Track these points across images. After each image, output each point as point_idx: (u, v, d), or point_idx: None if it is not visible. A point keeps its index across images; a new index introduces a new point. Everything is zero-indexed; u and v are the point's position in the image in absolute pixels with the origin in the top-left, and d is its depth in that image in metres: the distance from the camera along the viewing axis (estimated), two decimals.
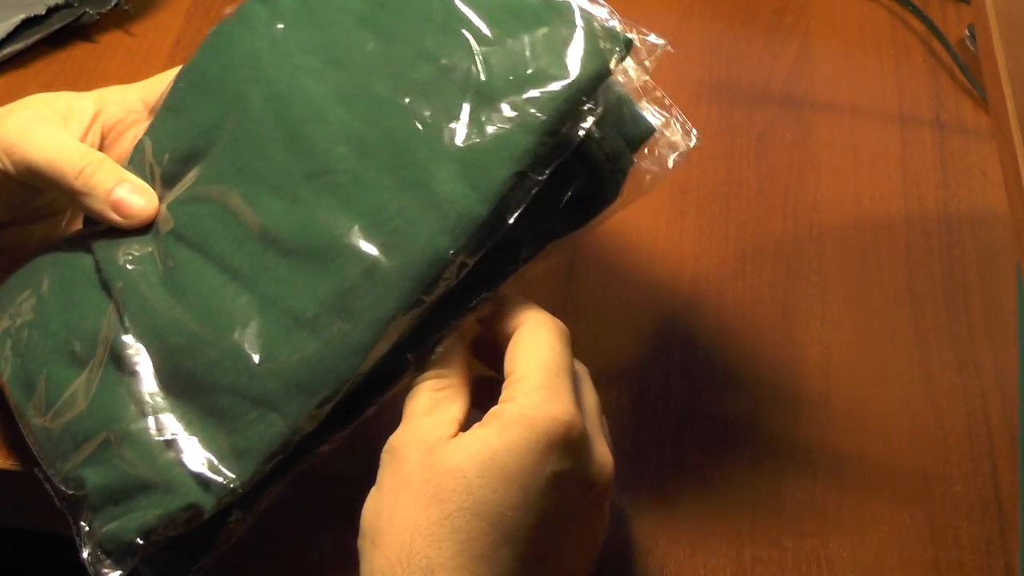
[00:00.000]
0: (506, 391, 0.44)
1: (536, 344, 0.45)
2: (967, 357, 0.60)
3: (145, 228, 0.50)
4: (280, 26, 0.50)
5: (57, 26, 0.70)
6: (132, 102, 0.54)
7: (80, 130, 0.53)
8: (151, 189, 0.51)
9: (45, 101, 0.53)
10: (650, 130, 0.48)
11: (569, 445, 0.43)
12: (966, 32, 0.73)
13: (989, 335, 0.60)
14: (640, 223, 0.65)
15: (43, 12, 0.70)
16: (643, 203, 0.65)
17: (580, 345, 0.60)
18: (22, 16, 0.69)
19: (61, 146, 0.51)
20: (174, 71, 0.53)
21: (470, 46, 0.47)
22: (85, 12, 0.71)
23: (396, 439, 0.45)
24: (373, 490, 0.44)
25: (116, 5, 0.71)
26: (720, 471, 0.56)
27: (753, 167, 0.68)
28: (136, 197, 0.50)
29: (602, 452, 0.45)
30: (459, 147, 0.45)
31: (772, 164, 0.68)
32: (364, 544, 0.44)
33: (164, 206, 0.50)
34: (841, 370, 0.60)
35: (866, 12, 0.75)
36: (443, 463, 0.42)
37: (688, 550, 0.53)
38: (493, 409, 0.44)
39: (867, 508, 0.55)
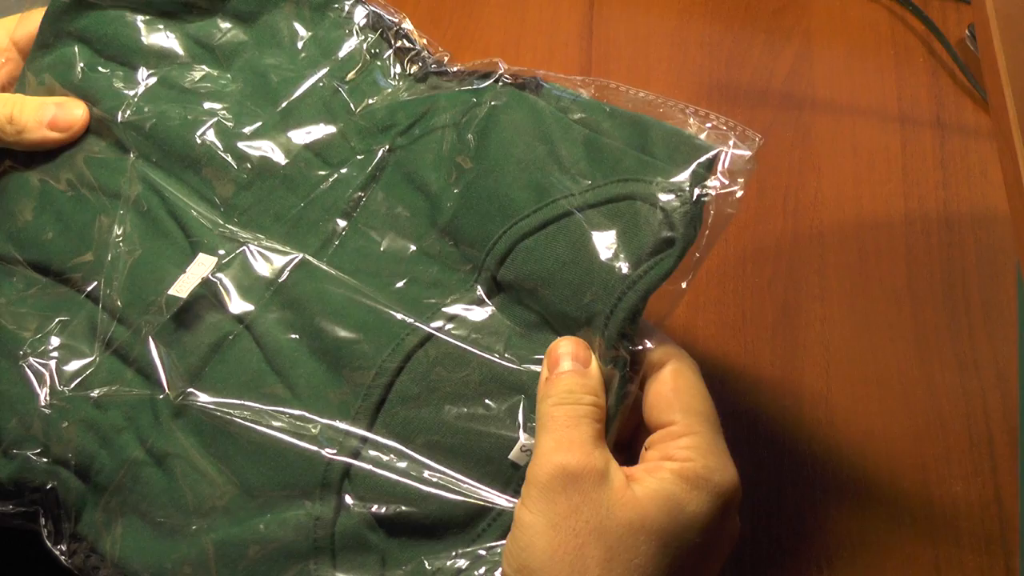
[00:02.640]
0: (677, 444, 0.43)
1: (694, 393, 0.45)
2: (967, 357, 0.60)
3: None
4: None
5: None
6: None
7: None
8: (75, 99, 0.55)
9: None
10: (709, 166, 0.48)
11: (737, 507, 0.44)
12: (966, 32, 0.73)
13: (989, 335, 0.61)
14: None
15: None
16: None
17: None
18: None
19: None
20: (40, 11, 0.56)
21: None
22: None
23: (574, 465, 0.42)
24: (539, 520, 0.42)
25: None
26: None
27: None
28: (69, 110, 0.54)
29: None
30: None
31: (772, 164, 0.68)
32: None
33: None
34: (841, 370, 0.60)
35: (866, 12, 0.75)
36: (641, 518, 0.41)
37: None
38: (673, 466, 0.43)
39: (867, 508, 0.55)
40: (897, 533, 0.54)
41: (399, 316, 0.48)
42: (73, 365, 0.51)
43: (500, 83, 0.53)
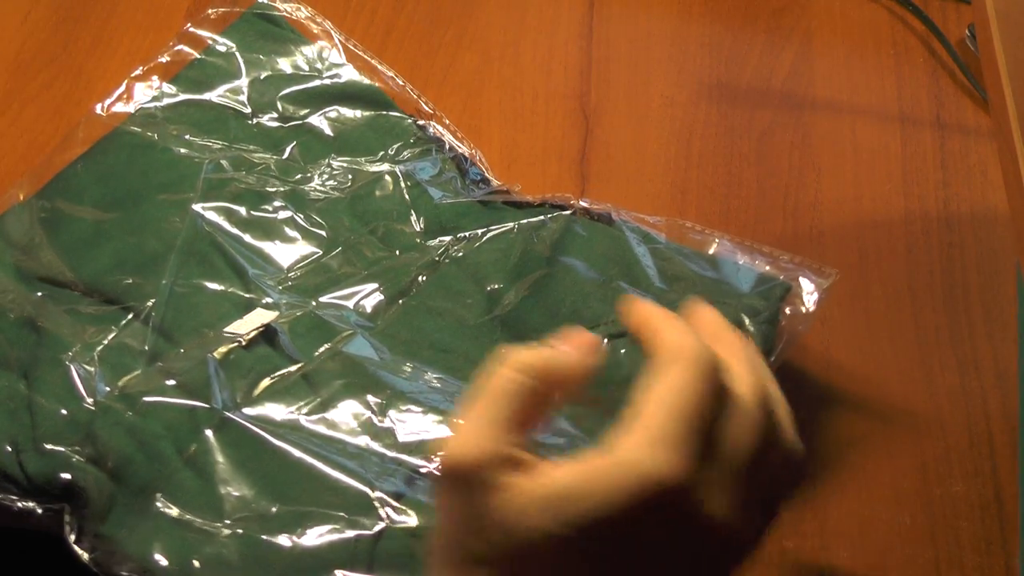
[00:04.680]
0: (617, 431, 0.35)
1: (666, 381, 0.36)
2: (967, 357, 0.60)
3: None
4: None
5: None
6: None
7: None
8: None
9: None
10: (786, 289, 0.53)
11: (667, 507, 0.34)
12: (966, 32, 0.73)
13: (989, 335, 0.60)
14: None
15: None
16: (643, 203, 0.65)
17: None
18: None
19: None
20: None
21: None
22: None
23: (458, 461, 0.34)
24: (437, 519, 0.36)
25: None
26: None
27: (753, 167, 0.68)
28: None
29: (723, 514, 0.36)
30: None
31: (772, 164, 0.68)
32: None
33: None
34: (841, 370, 0.60)
35: (866, 12, 0.75)
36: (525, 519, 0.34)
37: None
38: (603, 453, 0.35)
39: (867, 508, 0.55)
40: (897, 533, 0.54)
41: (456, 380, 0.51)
42: (117, 373, 0.52)
43: (574, 213, 0.57)
